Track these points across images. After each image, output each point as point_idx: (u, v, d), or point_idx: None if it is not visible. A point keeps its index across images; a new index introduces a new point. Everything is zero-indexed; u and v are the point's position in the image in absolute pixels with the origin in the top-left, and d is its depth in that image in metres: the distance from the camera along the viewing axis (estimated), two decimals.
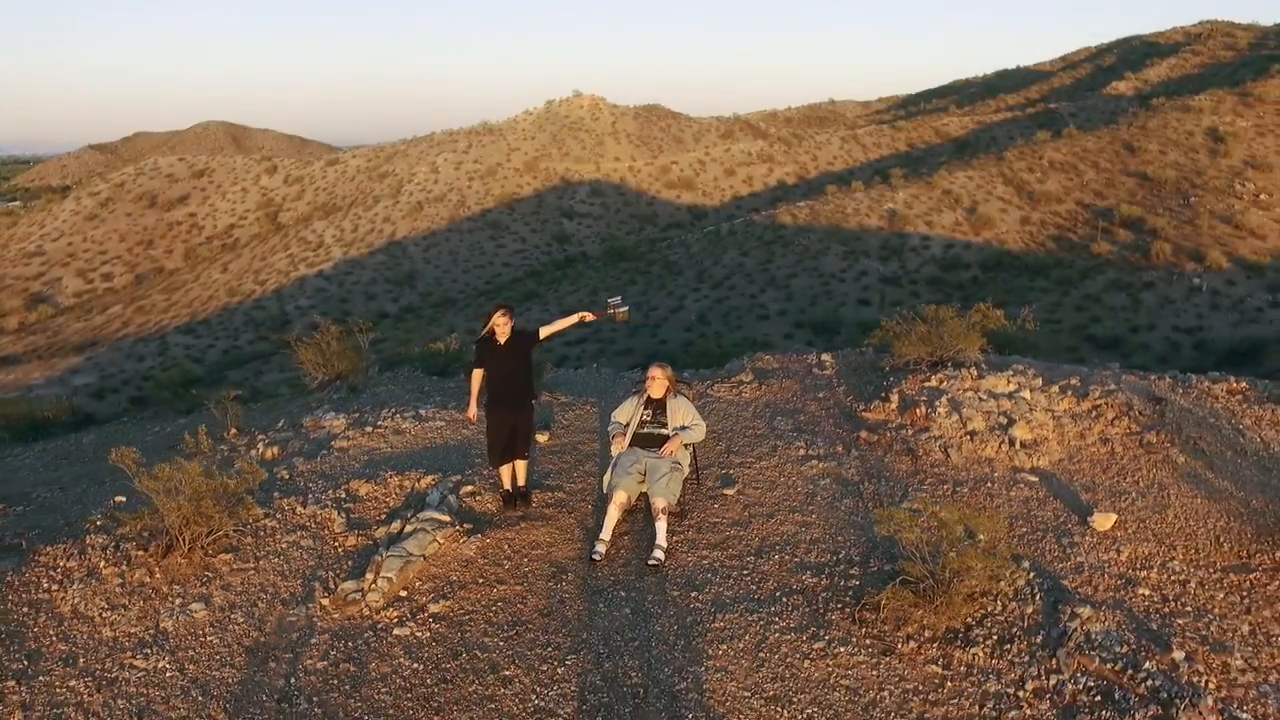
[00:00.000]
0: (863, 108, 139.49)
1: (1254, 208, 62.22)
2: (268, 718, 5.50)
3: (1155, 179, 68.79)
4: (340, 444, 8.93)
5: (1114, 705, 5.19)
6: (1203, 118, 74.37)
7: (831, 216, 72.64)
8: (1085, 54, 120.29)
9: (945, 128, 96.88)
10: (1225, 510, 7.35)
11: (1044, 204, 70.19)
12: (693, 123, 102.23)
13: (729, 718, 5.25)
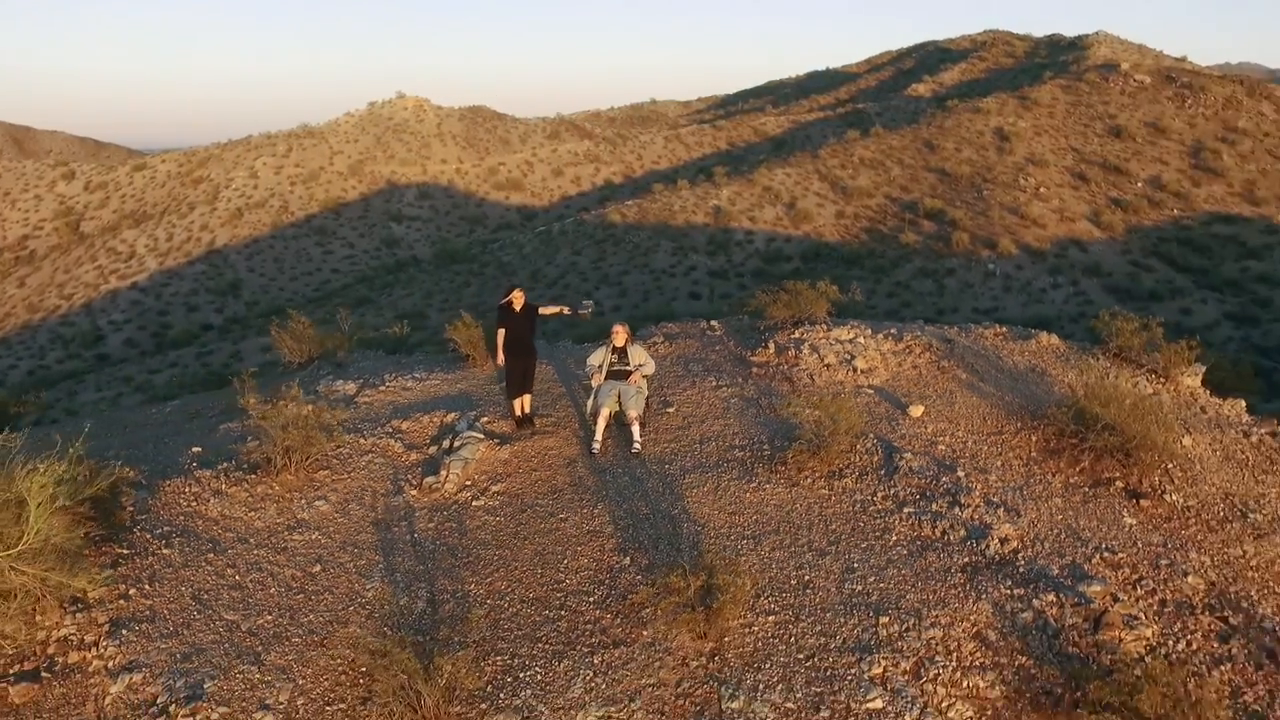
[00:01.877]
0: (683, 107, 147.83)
1: (1035, 200, 72.08)
2: (408, 554, 8.79)
3: (953, 174, 78.40)
4: (363, 399, 12.02)
5: (926, 499, 9.39)
6: (990, 118, 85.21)
7: (660, 214, 77.89)
8: (888, 57, 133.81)
9: (763, 127, 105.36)
10: (990, 403, 11.90)
11: (856, 199, 78.18)
12: (519, 124, 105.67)
13: (707, 524, 9.06)
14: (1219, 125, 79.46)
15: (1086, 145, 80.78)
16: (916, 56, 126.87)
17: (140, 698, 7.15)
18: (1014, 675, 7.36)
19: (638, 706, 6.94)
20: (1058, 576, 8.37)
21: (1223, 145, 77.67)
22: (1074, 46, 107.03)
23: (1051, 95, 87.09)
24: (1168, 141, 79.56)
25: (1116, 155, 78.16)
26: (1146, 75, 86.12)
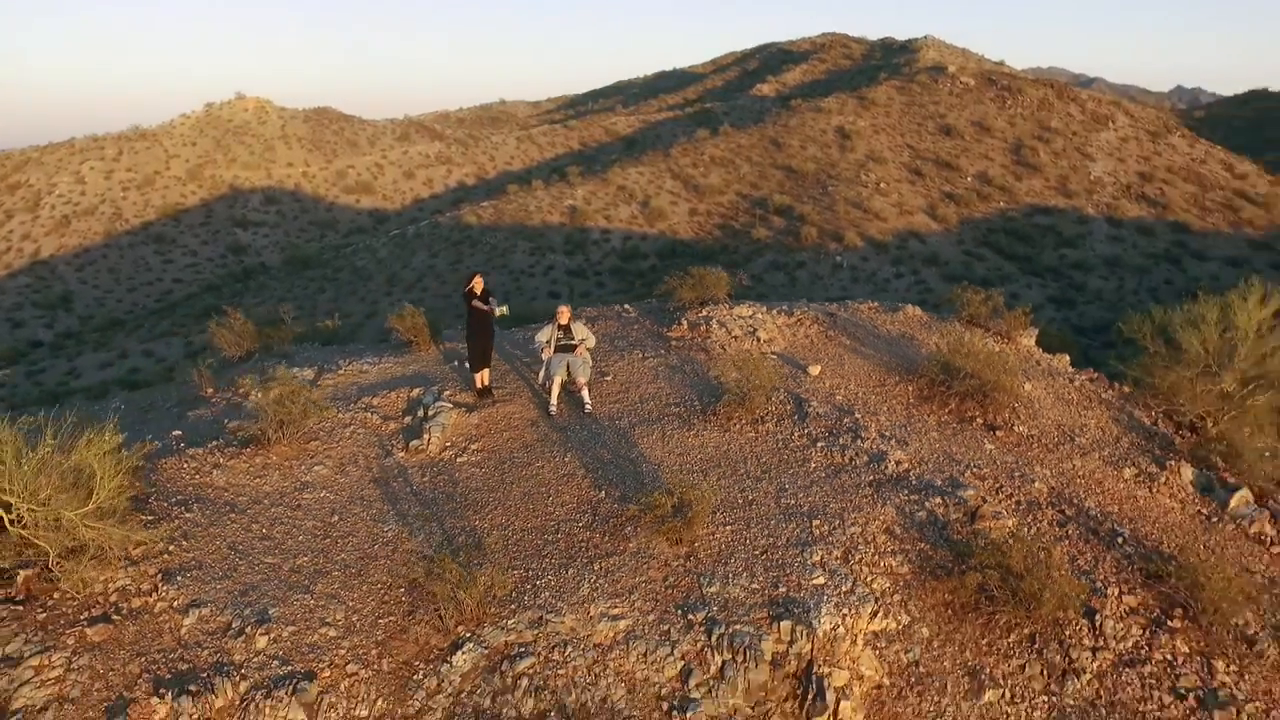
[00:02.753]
0: (533, 108, 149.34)
1: (876, 194, 77.59)
2: (413, 502, 10.40)
3: (799, 171, 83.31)
4: (326, 382, 13.36)
5: (833, 435, 11.75)
6: (832, 118, 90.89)
7: (515, 215, 79.33)
8: (732, 58, 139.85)
9: (614, 127, 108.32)
10: (872, 362, 14.46)
11: (709, 196, 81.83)
12: (367, 125, 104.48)
13: (661, 463, 11.09)
14: (1035, 125, 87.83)
15: (921, 143, 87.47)
16: (760, 58, 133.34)
17: (213, 626, 8.54)
18: (916, 556, 9.76)
19: (636, 597, 8.91)
20: (941, 486, 10.89)
21: (1039, 143, 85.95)
22: (905, 50, 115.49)
23: (887, 96, 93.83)
24: (992, 139, 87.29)
25: (948, 152, 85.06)
26: (971, 78, 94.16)
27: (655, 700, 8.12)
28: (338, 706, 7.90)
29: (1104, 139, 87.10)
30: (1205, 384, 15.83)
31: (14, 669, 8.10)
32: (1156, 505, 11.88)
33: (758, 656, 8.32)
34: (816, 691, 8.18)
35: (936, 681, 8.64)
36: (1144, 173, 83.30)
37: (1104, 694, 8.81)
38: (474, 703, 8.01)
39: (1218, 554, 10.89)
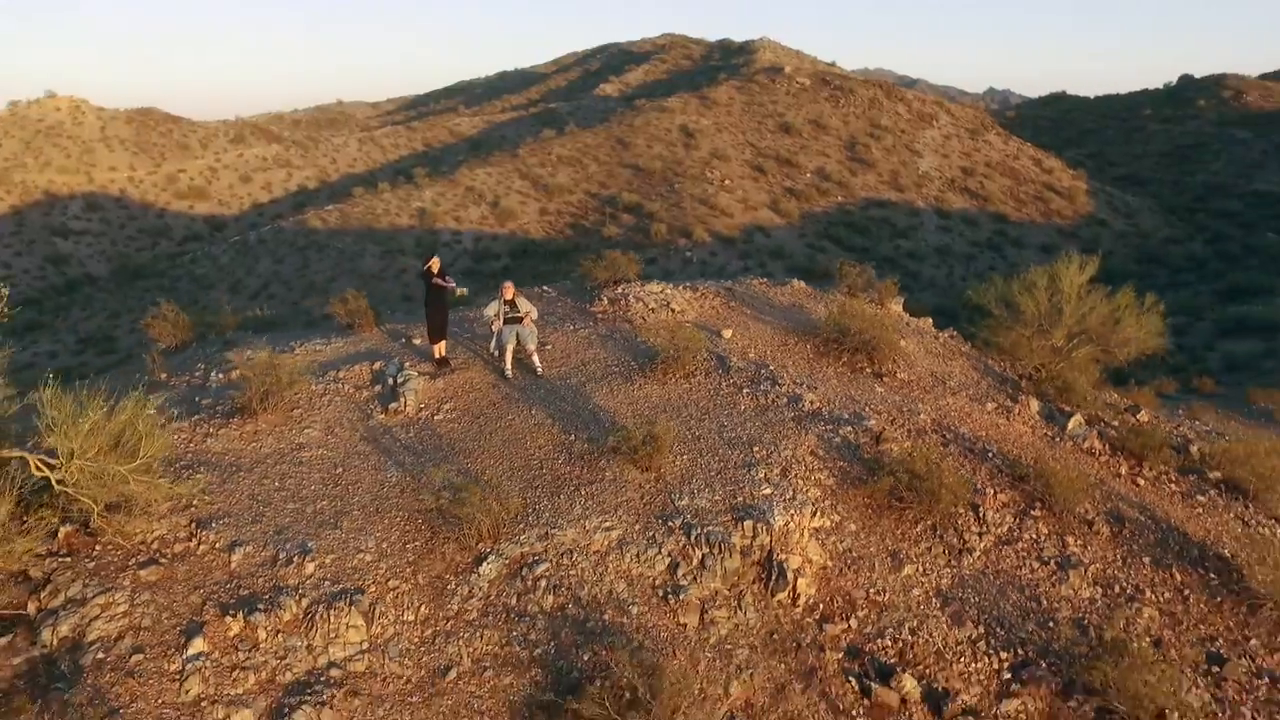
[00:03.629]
0: (373, 108, 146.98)
1: (722, 191, 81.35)
2: (406, 453, 11.90)
3: (646, 169, 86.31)
4: (285, 361, 14.50)
5: (755, 383, 14.01)
6: (676, 117, 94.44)
7: (363, 218, 78.76)
8: (574, 58, 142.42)
9: (459, 128, 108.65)
10: (772, 327, 16.85)
11: (558, 195, 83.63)
12: (198, 127, 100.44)
13: (615, 410, 13.02)
14: (867, 123, 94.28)
15: (762, 141, 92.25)
16: (601, 58, 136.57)
17: (260, 559, 9.87)
18: (838, 471, 12.12)
19: (621, 513, 10.83)
20: (848, 419, 13.33)
21: (871, 140, 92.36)
22: (743, 51, 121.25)
23: (728, 95, 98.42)
24: (828, 137, 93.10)
25: (787, 149, 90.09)
26: (806, 78, 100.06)
27: (651, 589, 10.08)
28: (388, 614, 9.45)
29: (929, 136, 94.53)
30: (1039, 340, 19.07)
31: (81, 608, 9.21)
32: (1013, 430, 14.77)
33: (729, 549, 10.42)
34: (778, 573, 10.35)
35: (866, 562, 10.99)
36: (966, 168, 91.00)
37: (989, 565, 11.40)
38: (503, 603, 9.73)
39: (1062, 463, 13.79)
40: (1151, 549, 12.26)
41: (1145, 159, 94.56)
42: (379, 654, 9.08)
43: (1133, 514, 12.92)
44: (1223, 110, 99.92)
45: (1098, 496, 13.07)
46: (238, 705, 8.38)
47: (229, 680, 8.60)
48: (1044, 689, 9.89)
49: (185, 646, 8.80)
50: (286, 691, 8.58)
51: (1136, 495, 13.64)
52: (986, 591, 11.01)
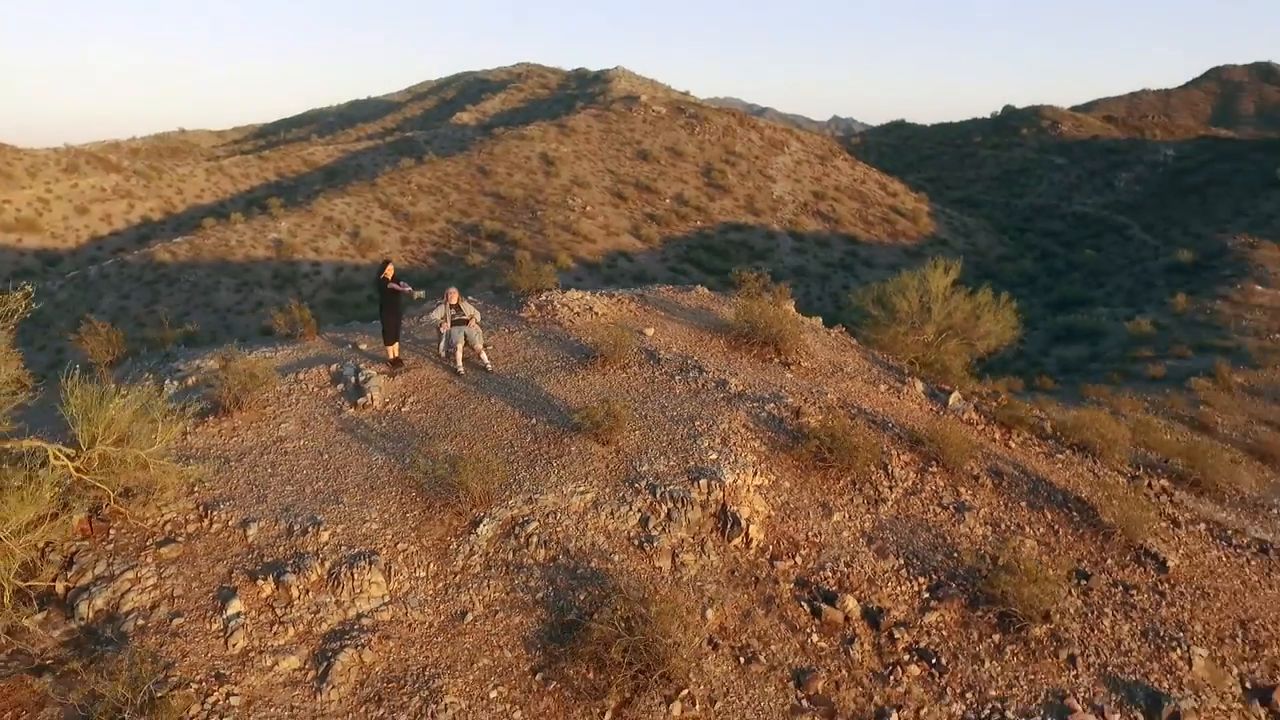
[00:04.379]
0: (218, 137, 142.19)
1: (584, 218, 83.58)
2: (383, 441, 13.09)
3: (507, 197, 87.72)
4: (240, 367, 15.31)
5: (684, 371, 15.86)
6: (536, 145, 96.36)
7: (215, 250, 76.88)
8: (429, 87, 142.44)
9: (312, 157, 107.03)
10: (687, 326, 18.77)
11: (419, 224, 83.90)
12: (24, 155, 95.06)
13: (566, 397, 14.57)
14: (722, 150, 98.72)
15: (621, 168, 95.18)
16: (457, 86, 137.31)
17: (275, 532, 10.92)
18: (769, 440, 14.07)
19: (592, 479, 12.40)
20: (770, 398, 15.33)
21: (727, 166, 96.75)
22: (599, 80, 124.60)
23: (586, 124, 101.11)
24: (685, 163, 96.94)
25: (646, 176, 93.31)
26: (662, 107, 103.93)
27: (627, 540, 11.69)
28: (402, 571, 10.70)
29: (781, 162, 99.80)
30: (913, 335, 21.75)
31: (111, 583, 10.07)
32: (905, 406, 17.15)
33: (690, 503, 12.15)
34: (732, 522, 12.15)
35: (802, 511, 12.94)
36: (817, 192, 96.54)
37: (901, 511, 13.57)
38: (501, 558, 11.13)
39: (948, 430, 16.21)
40: (1026, 496, 14.75)
41: (978, 183, 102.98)
42: (401, 605, 10.32)
43: (1009, 470, 15.42)
44: (1042, 139, 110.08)
45: (980, 457, 15.51)
46: (283, 653, 9.47)
47: (270, 633, 9.67)
48: (955, 603, 12.03)
49: (223, 608, 9.80)
50: (325, 639, 9.72)
51: (1010, 455, 16.20)
52: (901, 531, 13.14)
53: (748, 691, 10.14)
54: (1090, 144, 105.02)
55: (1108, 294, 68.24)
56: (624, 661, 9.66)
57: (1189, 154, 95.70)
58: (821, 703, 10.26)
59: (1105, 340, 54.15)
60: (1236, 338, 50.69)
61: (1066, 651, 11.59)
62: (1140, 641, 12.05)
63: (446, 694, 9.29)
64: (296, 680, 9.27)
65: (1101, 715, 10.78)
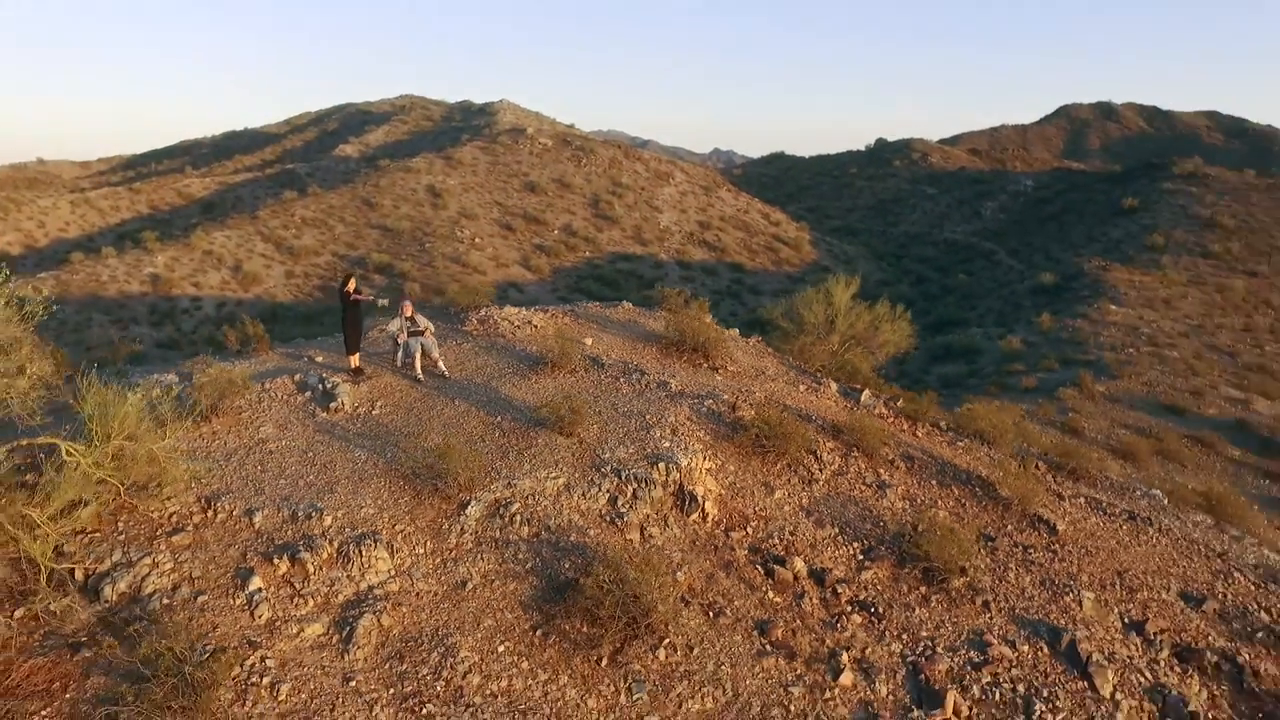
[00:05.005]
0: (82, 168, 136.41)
1: (473, 249, 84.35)
2: (364, 439, 14.15)
3: (395, 230, 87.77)
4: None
5: (627, 375, 17.41)
6: (422, 177, 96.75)
7: (86, 286, 74.42)
8: (309, 118, 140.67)
9: (188, 189, 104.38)
10: (619, 336, 20.34)
11: (304, 258, 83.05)
12: None
13: (525, 398, 15.91)
14: (609, 181, 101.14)
15: (508, 199, 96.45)
16: (338, 118, 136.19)
17: (280, 518, 11.90)
18: (711, 430, 15.73)
19: (562, 465, 13.79)
20: (707, 395, 17.03)
21: (614, 198, 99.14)
22: (484, 112, 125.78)
23: (473, 156, 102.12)
24: (573, 195, 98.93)
25: (534, 207, 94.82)
26: (549, 139, 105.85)
27: (599, 517, 13.12)
28: (403, 549, 11.84)
29: (667, 193, 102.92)
30: (821, 344, 23.92)
31: (131, 569, 10.91)
32: (823, 404, 19.12)
33: (653, 484, 13.67)
34: (690, 499, 13.73)
35: (748, 490, 14.63)
36: (703, 222, 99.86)
37: (832, 489, 15.41)
38: (490, 535, 12.39)
39: (864, 422, 18.22)
40: (935, 476, 16.83)
41: (855, 212, 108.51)
42: (406, 577, 11.46)
43: (918, 455, 17.51)
44: (914, 170, 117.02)
45: (893, 444, 17.56)
46: (306, 621, 10.51)
47: (292, 605, 10.69)
48: (886, 563, 13.89)
49: (244, 585, 10.77)
50: (343, 608, 10.80)
51: (917, 443, 18.33)
52: (834, 506, 14.97)
53: (719, 639, 11.68)
54: (958, 175, 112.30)
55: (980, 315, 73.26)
56: (613, 616, 11.07)
57: (1046, 184, 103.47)
58: (782, 647, 11.87)
59: (981, 358, 58.38)
60: (1096, 352, 55.54)
61: (981, 598, 13.56)
62: (1040, 589, 14.14)
63: (460, 649, 10.50)
64: (323, 644, 10.33)
65: (1014, 647, 12.75)
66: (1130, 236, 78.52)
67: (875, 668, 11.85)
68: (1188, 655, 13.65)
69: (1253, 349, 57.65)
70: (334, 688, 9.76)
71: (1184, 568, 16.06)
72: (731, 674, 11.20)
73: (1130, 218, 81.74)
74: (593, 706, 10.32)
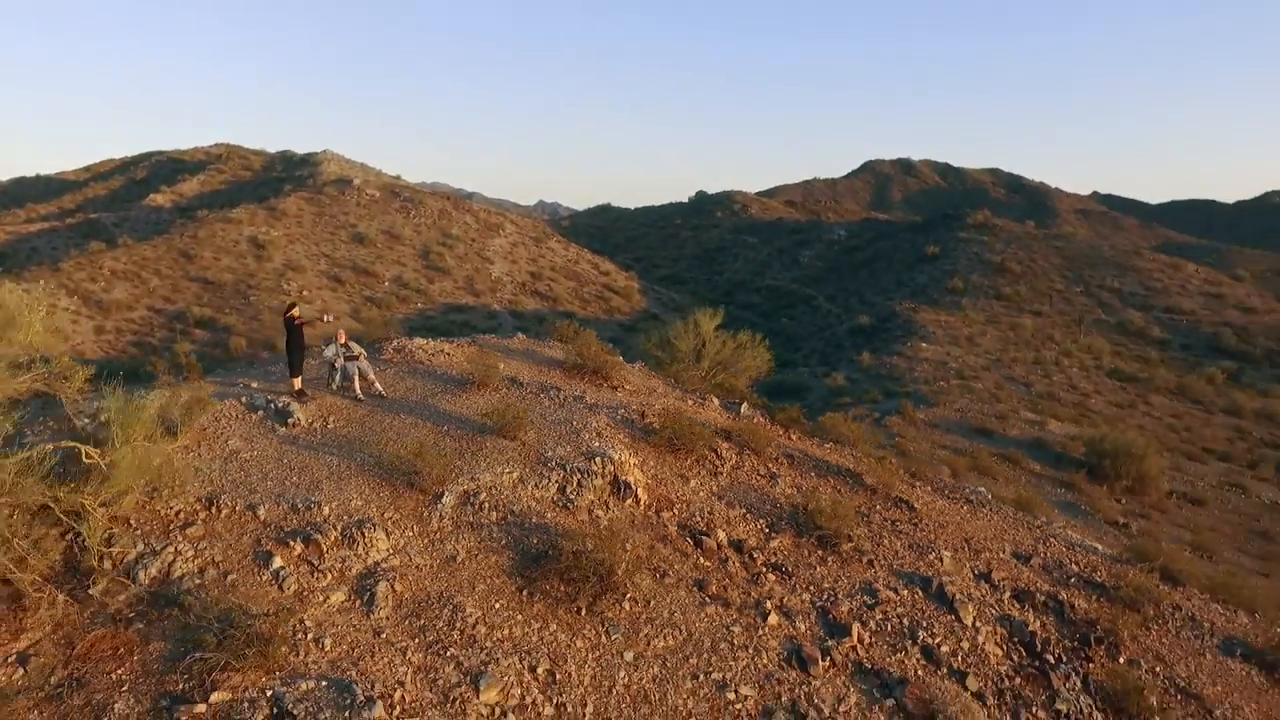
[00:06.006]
0: None
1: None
2: (329, 448, 15.90)
3: (217, 282, 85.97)
4: None
5: (544, 392, 19.83)
6: (244, 228, 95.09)
7: None
8: (113, 165, 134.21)
9: None
10: (525, 362, 22.68)
11: (116, 312, 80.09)
12: None
13: (463, 411, 18.03)
14: (439, 232, 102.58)
15: (336, 251, 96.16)
16: (147, 166, 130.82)
17: (281, 511, 13.58)
18: (628, 433, 18.36)
19: (513, 463, 16.05)
20: (617, 406, 19.67)
21: (444, 249, 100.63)
22: (307, 162, 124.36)
23: (297, 207, 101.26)
24: (403, 246, 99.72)
25: (364, 259, 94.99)
26: (376, 190, 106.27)
27: (552, 503, 15.45)
28: (395, 532, 13.77)
29: (498, 244, 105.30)
30: (693, 370, 27.07)
31: (157, 556, 12.41)
32: (710, 415, 22.12)
33: (593, 474, 16.13)
34: (625, 487, 16.27)
35: (667, 480, 17.32)
36: (534, 272, 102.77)
37: (734, 480, 18.32)
38: (465, 519, 14.49)
39: (751, 427, 21.29)
40: (813, 469, 20.08)
41: (682, 260, 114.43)
42: (404, 555, 13.41)
43: (797, 453, 20.75)
44: (735, 220, 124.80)
45: (774, 445, 20.72)
46: (329, 591, 12.33)
47: (313, 578, 12.47)
48: (788, 534, 16.87)
49: (268, 565, 12.46)
50: (358, 579, 12.66)
51: (793, 445, 21.59)
52: (738, 492, 17.88)
53: (668, 594, 14.23)
54: (777, 225, 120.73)
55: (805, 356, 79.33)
56: (585, 577, 13.45)
57: (857, 233, 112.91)
58: (718, 598, 14.55)
59: (810, 394, 63.75)
60: (913, 385, 61.89)
61: (865, 558, 16.75)
62: (909, 551, 17.49)
63: (465, 606, 12.59)
64: (348, 608, 12.18)
65: (896, 592, 15.94)
66: (934, 281, 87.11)
67: (793, 611, 14.72)
68: (1023, 596, 17.26)
69: (1043, 379, 65.70)
70: (368, 640, 11.65)
71: (1013, 536, 19.90)
72: (684, 619, 13.77)
73: (933, 264, 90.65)
74: (580, 645, 12.64)
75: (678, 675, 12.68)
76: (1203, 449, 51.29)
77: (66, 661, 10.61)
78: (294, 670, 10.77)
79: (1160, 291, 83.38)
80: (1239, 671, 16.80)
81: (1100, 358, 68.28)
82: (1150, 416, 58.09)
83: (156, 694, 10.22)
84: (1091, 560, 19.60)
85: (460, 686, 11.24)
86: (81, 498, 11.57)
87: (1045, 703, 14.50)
